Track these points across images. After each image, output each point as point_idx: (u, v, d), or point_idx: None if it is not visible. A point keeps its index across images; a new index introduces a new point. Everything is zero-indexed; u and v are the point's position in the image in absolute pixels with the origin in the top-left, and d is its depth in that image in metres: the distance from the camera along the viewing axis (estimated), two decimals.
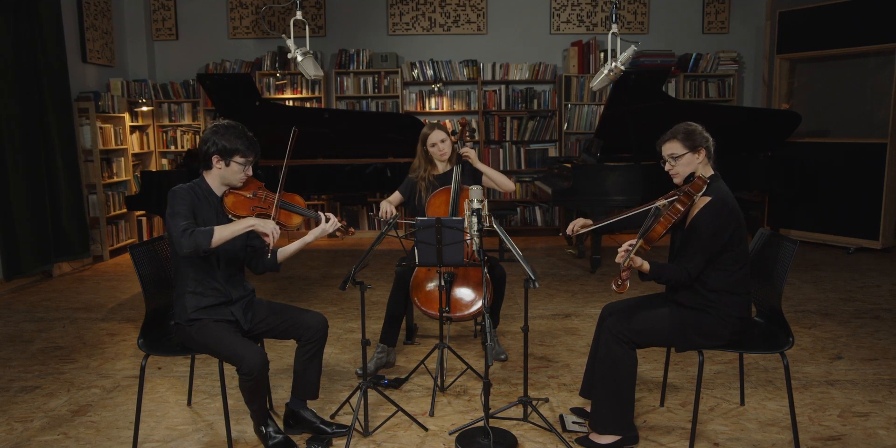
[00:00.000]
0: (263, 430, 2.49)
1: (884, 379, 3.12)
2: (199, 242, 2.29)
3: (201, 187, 2.51)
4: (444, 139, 3.37)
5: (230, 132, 2.47)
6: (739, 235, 2.39)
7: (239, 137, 2.46)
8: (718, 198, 2.38)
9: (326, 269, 5.63)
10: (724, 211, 2.36)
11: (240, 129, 2.50)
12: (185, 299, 2.45)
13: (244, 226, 2.36)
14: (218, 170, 2.49)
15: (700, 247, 2.35)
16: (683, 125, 2.50)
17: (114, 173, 6.43)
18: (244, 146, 2.46)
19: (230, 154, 2.45)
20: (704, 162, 2.48)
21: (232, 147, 2.45)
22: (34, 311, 4.48)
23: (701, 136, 2.47)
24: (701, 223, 2.36)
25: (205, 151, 2.47)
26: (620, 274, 2.24)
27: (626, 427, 2.47)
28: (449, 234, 2.65)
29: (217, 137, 2.45)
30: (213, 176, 2.51)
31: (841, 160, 6.02)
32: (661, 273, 2.37)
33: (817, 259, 5.75)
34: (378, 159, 5.67)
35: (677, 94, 6.96)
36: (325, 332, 2.59)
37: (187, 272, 2.46)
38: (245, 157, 2.48)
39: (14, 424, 2.76)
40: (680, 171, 2.49)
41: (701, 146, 2.46)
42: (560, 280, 5.15)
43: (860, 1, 5.76)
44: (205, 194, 2.51)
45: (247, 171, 2.51)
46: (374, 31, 7.15)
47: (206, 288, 2.47)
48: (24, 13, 5.11)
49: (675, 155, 2.47)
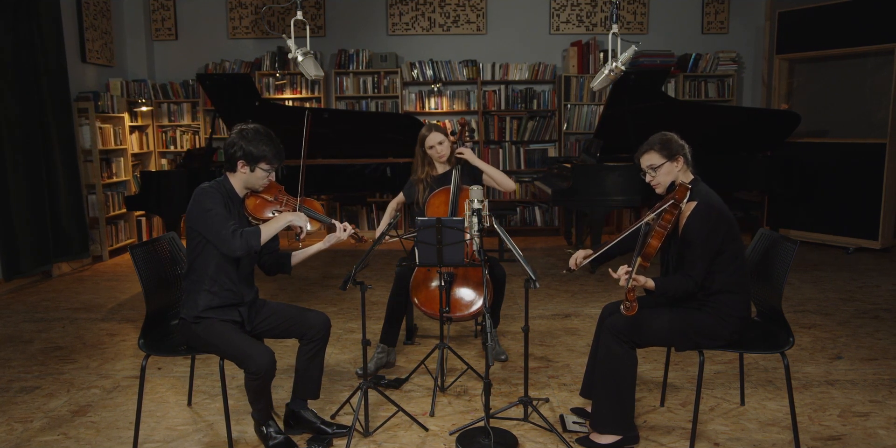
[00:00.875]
0: (264, 431, 2.50)
1: (884, 379, 3.12)
2: (251, 243, 2.36)
3: (225, 187, 2.52)
4: (441, 141, 3.37)
5: (258, 138, 2.45)
6: (732, 234, 2.40)
7: (267, 144, 2.46)
8: (703, 202, 2.39)
9: (326, 270, 5.63)
10: (711, 214, 2.37)
11: (269, 135, 2.49)
12: (199, 296, 2.45)
13: (283, 221, 2.45)
14: (242, 174, 2.49)
15: (697, 254, 2.36)
16: (658, 135, 2.53)
17: (113, 173, 6.43)
18: (271, 154, 2.46)
19: (256, 161, 2.45)
20: (684, 169, 2.50)
21: (259, 154, 2.44)
22: (34, 312, 4.47)
23: (677, 143, 2.49)
24: (692, 230, 2.37)
25: (230, 155, 2.47)
26: (627, 295, 2.18)
27: (627, 427, 2.47)
28: (449, 234, 2.65)
29: (244, 143, 2.44)
30: (237, 179, 2.52)
31: (840, 160, 6.02)
32: (668, 288, 2.37)
33: (817, 259, 5.76)
34: (378, 159, 5.67)
35: (677, 95, 6.97)
36: (328, 331, 2.60)
37: (205, 270, 2.46)
38: (270, 164, 2.48)
39: (14, 425, 2.76)
40: (661, 181, 2.51)
41: (678, 154, 2.48)
42: (560, 280, 5.15)
43: (859, 1, 5.76)
44: (228, 194, 2.52)
45: (270, 177, 2.52)
46: (373, 31, 7.16)
47: (220, 288, 2.47)
48: (23, 13, 5.11)
49: (654, 165, 2.49)
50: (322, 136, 5.61)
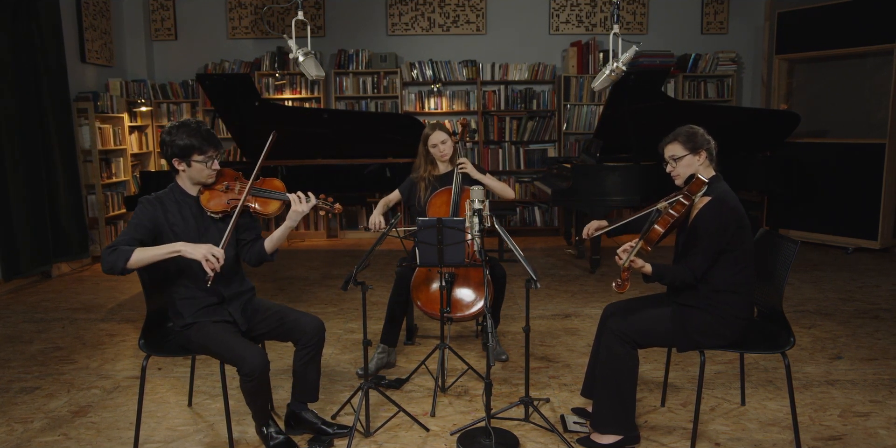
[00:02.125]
0: (265, 431, 2.49)
1: (884, 379, 3.13)
2: (115, 262, 2.19)
3: (175, 193, 2.45)
4: (444, 140, 3.37)
5: (182, 131, 2.35)
6: (742, 235, 2.39)
7: (192, 135, 2.34)
8: (718, 197, 2.39)
9: (326, 270, 5.62)
10: (724, 210, 2.37)
11: (192, 125, 2.37)
12: (178, 306, 2.44)
13: (168, 251, 2.23)
14: (183, 172, 2.41)
15: (701, 246, 2.37)
16: (685, 127, 2.54)
17: (113, 173, 6.42)
18: (199, 142, 2.34)
19: (187, 154, 2.36)
20: (705, 164, 2.50)
21: (187, 145, 2.34)
22: (33, 312, 4.47)
23: (702, 138, 2.50)
24: (701, 223, 2.38)
25: (165, 156, 2.40)
26: (621, 274, 2.27)
27: (628, 427, 2.47)
28: (450, 234, 2.65)
29: (171, 138, 2.35)
30: (182, 178, 2.45)
31: (839, 160, 6.03)
32: (664, 274, 2.39)
33: (816, 259, 5.76)
34: (377, 160, 5.66)
35: (676, 95, 6.97)
36: (322, 336, 2.56)
37: (172, 280, 2.43)
38: (203, 153, 2.36)
39: (14, 425, 2.76)
40: (681, 173, 2.51)
41: (701, 148, 2.48)
42: (560, 280, 5.15)
43: (859, 1, 5.77)
44: (178, 199, 2.44)
45: (212, 166, 2.41)
46: (373, 32, 7.15)
47: (195, 291, 2.43)
48: (23, 13, 5.10)
49: (675, 156, 2.50)
50: (322, 137, 5.61)
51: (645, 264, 2.35)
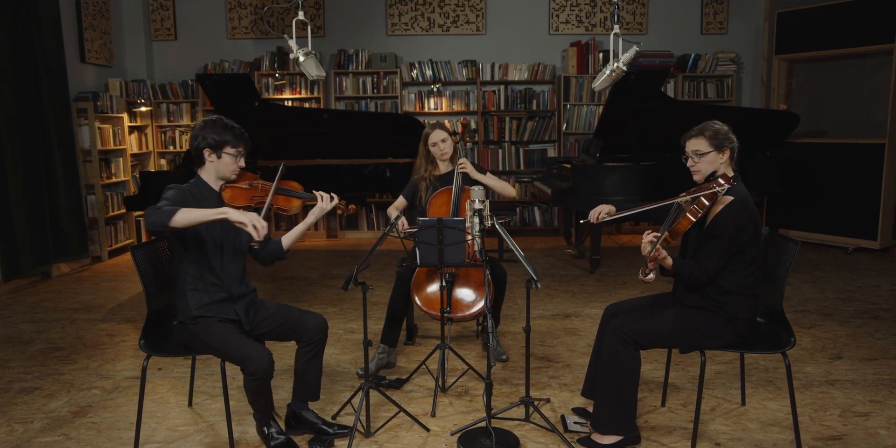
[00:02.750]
0: (266, 431, 2.49)
1: (884, 379, 3.13)
2: (160, 217, 2.19)
3: (198, 186, 2.51)
4: (444, 139, 3.38)
5: (217, 125, 2.49)
6: (755, 238, 2.38)
7: (226, 129, 2.48)
8: (741, 199, 2.36)
9: (326, 270, 5.62)
10: (745, 212, 2.35)
11: (225, 121, 2.52)
12: (187, 297, 2.45)
13: (216, 212, 2.23)
14: (211, 163, 2.50)
15: (719, 246, 2.34)
16: (712, 123, 2.47)
17: (112, 174, 6.42)
18: (232, 137, 2.48)
19: (220, 146, 2.47)
20: (727, 162, 2.46)
21: (221, 139, 2.46)
22: (33, 312, 4.47)
23: (727, 136, 2.45)
24: (723, 222, 2.34)
25: (196, 147, 2.49)
26: (647, 264, 2.21)
27: (628, 427, 2.47)
28: (450, 234, 2.65)
29: (205, 132, 2.47)
30: (208, 171, 2.52)
31: (839, 160, 6.03)
32: (683, 270, 2.36)
33: (816, 259, 5.76)
34: (377, 160, 5.66)
35: (676, 95, 6.97)
36: (325, 333, 2.59)
37: (187, 270, 2.46)
38: (235, 147, 2.49)
39: (14, 426, 2.75)
40: (702, 169, 2.47)
41: (726, 147, 2.44)
42: (560, 280, 5.15)
43: (859, 1, 5.77)
44: (202, 192, 2.51)
45: (239, 162, 2.52)
46: (373, 32, 7.15)
47: (205, 284, 2.46)
48: (22, 13, 5.10)
49: (699, 152, 2.45)
50: (321, 137, 5.61)
51: (668, 257, 2.31)
